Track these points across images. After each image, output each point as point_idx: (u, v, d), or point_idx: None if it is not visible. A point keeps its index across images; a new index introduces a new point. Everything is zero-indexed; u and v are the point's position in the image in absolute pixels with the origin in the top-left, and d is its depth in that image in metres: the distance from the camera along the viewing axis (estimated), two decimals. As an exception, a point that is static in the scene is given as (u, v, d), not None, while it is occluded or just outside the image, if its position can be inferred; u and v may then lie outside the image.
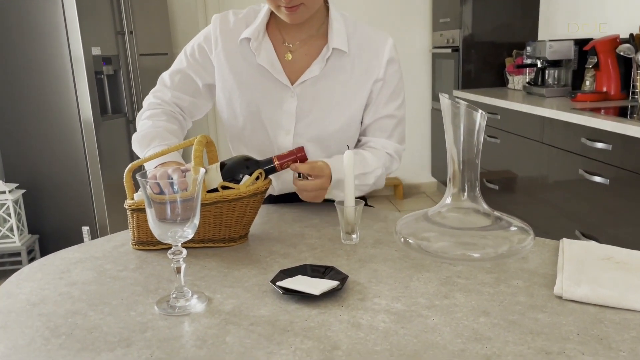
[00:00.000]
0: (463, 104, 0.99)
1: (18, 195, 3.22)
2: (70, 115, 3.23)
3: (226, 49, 1.33)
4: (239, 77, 1.33)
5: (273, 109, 1.33)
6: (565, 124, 2.64)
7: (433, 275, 0.95)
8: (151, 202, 0.85)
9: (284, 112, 1.32)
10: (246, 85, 1.33)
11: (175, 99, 1.38)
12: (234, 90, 1.34)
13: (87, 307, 0.89)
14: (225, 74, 1.34)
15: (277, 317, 0.83)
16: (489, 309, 0.83)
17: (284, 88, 1.32)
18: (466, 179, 1.01)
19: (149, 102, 1.39)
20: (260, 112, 1.33)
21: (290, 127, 1.34)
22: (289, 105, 1.32)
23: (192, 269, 1.03)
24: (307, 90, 1.32)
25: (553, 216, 2.80)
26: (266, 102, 1.33)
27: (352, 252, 1.07)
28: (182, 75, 1.37)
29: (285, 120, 1.33)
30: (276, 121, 1.34)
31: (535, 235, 1.02)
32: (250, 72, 1.32)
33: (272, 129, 1.34)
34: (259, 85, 1.32)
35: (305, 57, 1.33)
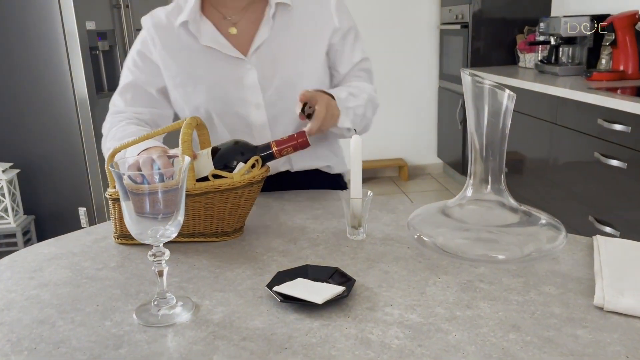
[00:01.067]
0: (487, 83, 0.86)
1: (12, 175, 3.13)
2: (65, 93, 3.12)
3: (166, 44, 1.25)
4: (189, 68, 1.24)
5: (235, 88, 1.23)
6: (580, 104, 2.51)
7: (452, 279, 0.83)
8: (127, 193, 0.73)
9: (247, 87, 1.23)
10: (198, 73, 1.23)
11: (135, 114, 1.28)
12: (187, 84, 1.24)
13: (56, 314, 0.78)
14: (173, 70, 1.25)
15: (273, 330, 0.72)
16: (519, 322, 0.71)
17: (238, 63, 1.22)
18: (490, 168, 0.89)
19: (110, 123, 1.26)
20: (222, 95, 1.24)
21: (258, 101, 1.24)
22: (249, 78, 1.23)
23: (179, 268, 0.91)
24: (264, 57, 1.23)
25: (565, 201, 2.69)
26: (225, 83, 1.23)
27: (359, 249, 0.96)
28: (132, 89, 1.28)
29: (251, 95, 1.23)
30: (242, 99, 1.24)
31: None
32: (198, 58, 1.23)
33: (240, 109, 1.24)
34: (212, 69, 1.23)
35: (251, 24, 1.25)
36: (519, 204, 0.90)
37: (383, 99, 4.36)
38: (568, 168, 2.67)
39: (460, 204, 0.93)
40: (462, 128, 3.91)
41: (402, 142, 4.55)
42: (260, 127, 1.26)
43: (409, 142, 4.56)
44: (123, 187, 0.73)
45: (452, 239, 0.91)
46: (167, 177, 0.77)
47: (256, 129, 1.26)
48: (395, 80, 4.42)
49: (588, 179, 2.52)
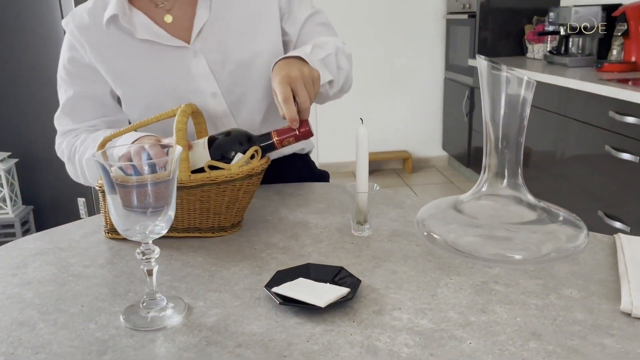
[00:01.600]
0: (505, 69, 0.80)
1: (10, 165, 3.09)
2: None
3: (96, 46, 1.11)
4: (128, 67, 1.12)
5: (184, 80, 1.12)
6: (591, 96, 2.44)
7: (465, 280, 0.77)
8: (114, 185, 0.67)
9: (197, 76, 1.12)
10: (140, 71, 1.12)
11: (88, 128, 1.17)
12: (131, 85, 1.13)
13: (38, 315, 0.72)
14: (112, 73, 1.13)
15: (271, 335, 0.66)
16: (539, 329, 0.65)
17: (182, 52, 1.11)
18: (506, 161, 0.83)
19: (65, 143, 1.16)
20: (171, 90, 1.12)
21: (214, 89, 1.14)
22: (197, 66, 1.12)
23: (172, 265, 0.86)
24: (209, 41, 1.12)
25: (573, 195, 2.62)
26: (172, 76, 1.12)
27: (365, 246, 0.90)
28: (77, 103, 1.15)
29: (203, 84, 1.13)
30: (195, 90, 1.13)
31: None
32: (136, 54, 1.11)
33: (196, 99, 1.12)
34: (155, 63, 1.11)
35: (187, 8, 1.13)
36: (537, 200, 0.84)
37: (387, 89, 4.32)
38: (577, 161, 2.61)
39: (474, 199, 0.87)
40: (468, 120, 3.84)
41: (406, 134, 4.48)
42: (223, 116, 1.16)
43: (413, 134, 4.49)
44: (109, 179, 0.67)
45: (465, 236, 0.85)
46: (160, 168, 0.71)
47: (219, 120, 1.16)
48: (399, 71, 4.34)
49: (598, 173, 2.45)
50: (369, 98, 4.34)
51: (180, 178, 0.89)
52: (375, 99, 4.36)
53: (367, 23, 4.21)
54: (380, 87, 4.36)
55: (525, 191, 0.83)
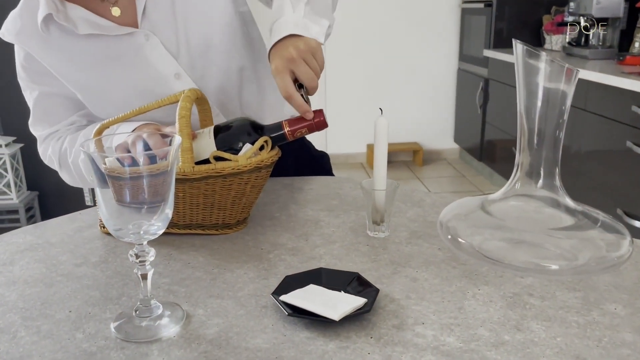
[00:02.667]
0: (544, 56, 0.72)
1: (15, 150, 3.04)
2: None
3: (40, 52, 1.00)
4: (80, 69, 1.01)
5: (142, 67, 1.01)
6: (612, 90, 2.35)
7: (494, 291, 0.69)
8: (106, 178, 0.60)
9: (155, 59, 1.01)
10: (94, 71, 1.01)
11: (69, 127, 1.07)
12: (87, 88, 1.03)
13: (20, 321, 0.65)
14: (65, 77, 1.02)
15: (278, 352, 0.58)
16: (583, 352, 0.57)
17: (132, 38, 0.99)
18: (542, 159, 0.75)
19: (51, 148, 1.06)
20: (132, 81, 1.02)
21: (176, 69, 1.02)
22: (153, 49, 1.00)
23: (171, 266, 0.78)
24: (156, 19, 1.00)
25: (591, 192, 2.54)
26: (128, 67, 1.01)
27: (382, 249, 0.82)
28: (46, 103, 1.05)
29: (164, 66, 1.02)
30: (157, 75, 1.02)
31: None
32: (84, 52, 0.99)
33: (160, 87, 1.02)
34: (107, 57, 1.00)
35: None
36: (577, 204, 0.76)
37: (399, 79, 4.23)
38: (596, 157, 2.52)
39: (504, 199, 0.79)
40: (481, 112, 3.74)
41: (417, 126, 4.38)
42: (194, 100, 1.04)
43: (424, 126, 4.39)
44: (99, 171, 0.60)
45: (493, 241, 0.77)
46: (160, 159, 0.63)
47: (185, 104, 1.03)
48: (412, 61, 4.24)
49: (618, 170, 2.37)
50: (380, 88, 4.25)
51: (183, 169, 0.82)
52: (386, 89, 4.27)
53: (380, 11, 4.11)
54: (392, 77, 4.26)
55: (563, 193, 0.75)
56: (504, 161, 3.52)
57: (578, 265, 0.71)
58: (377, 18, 4.12)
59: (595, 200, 2.49)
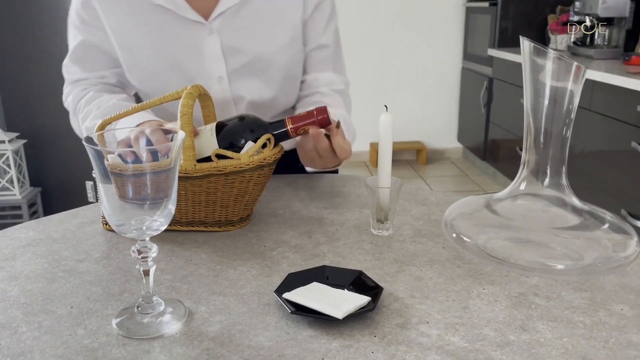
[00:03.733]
0: (552, 53, 0.71)
1: (19, 146, 3.04)
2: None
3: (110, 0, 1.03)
4: (135, 28, 1.03)
5: (192, 57, 1.04)
6: (618, 90, 2.34)
7: (500, 291, 0.69)
8: (109, 174, 0.59)
9: (207, 56, 1.04)
10: (146, 35, 1.03)
11: (98, 79, 1.10)
12: (136, 47, 1.05)
13: (22, 316, 0.65)
14: (117, 29, 1.04)
15: (281, 350, 0.58)
16: (590, 353, 0.57)
17: (196, 27, 1.03)
18: (549, 158, 0.74)
19: (72, 95, 1.08)
20: (175, 64, 1.04)
21: (221, 73, 1.06)
22: (210, 45, 1.04)
23: (173, 262, 0.78)
24: (229, 23, 1.04)
25: (595, 192, 2.53)
26: (180, 50, 1.04)
27: (386, 247, 0.81)
28: (87, 51, 1.07)
29: (211, 66, 1.05)
30: (201, 70, 1.05)
31: (639, 239, 0.74)
32: (147, 17, 1.03)
33: (200, 81, 1.04)
34: (164, 32, 1.03)
35: None
36: (583, 203, 0.75)
37: (402, 78, 4.21)
38: (601, 157, 2.50)
39: (510, 198, 0.78)
40: (485, 112, 3.73)
41: (421, 125, 4.37)
42: (224, 104, 1.08)
43: (428, 125, 4.38)
44: (102, 167, 0.59)
45: (498, 240, 0.77)
46: (162, 156, 0.63)
47: (218, 107, 1.07)
48: (415, 60, 4.22)
49: (623, 170, 2.36)
50: (384, 87, 4.24)
51: (185, 167, 0.81)
52: (390, 88, 4.26)
53: (384, 10, 4.09)
54: (396, 76, 4.25)
55: (569, 193, 0.74)
56: (507, 161, 3.51)
57: (584, 266, 0.71)
58: (381, 17, 4.10)
59: (600, 200, 2.47)
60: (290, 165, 1.16)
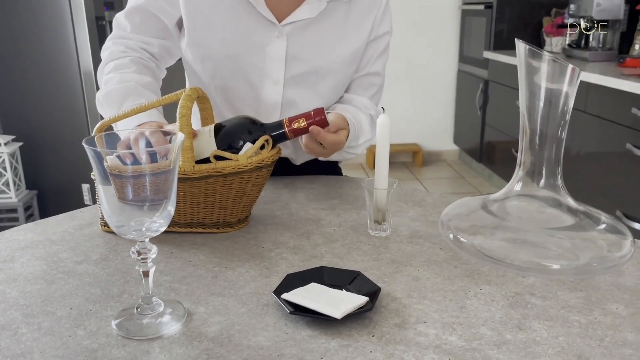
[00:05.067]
0: (547, 56, 0.72)
1: (15, 149, 3.04)
2: (70, 65, 3.00)
3: None
4: (209, 9, 1.05)
5: (255, 53, 1.06)
6: (613, 92, 2.35)
7: (496, 291, 0.69)
8: (108, 175, 0.60)
9: (270, 56, 1.07)
10: (218, 20, 1.06)
11: (141, 44, 1.11)
12: (203, 26, 1.06)
13: (21, 318, 0.65)
14: (190, 7, 1.06)
15: (280, 350, 0.58)
16: (585, 351, 0.57)
17: (269, 26, 1.05)
18: (544, 160, 0.75)
19: (110, 50, 1.10)
20: (237, 55, 1.06)
21: (278, 76, 1.08)
22: (276, 48, 1.06)
23: (172, 264, 0.78)
24: (298, 32, 1.07)
25: (590, 193, 2.54)
26: (246, 43, 1.06)
27: (383, 248, 0.82)
28: (143, 14, 1.09)
29: (272, 67, 1.07)
30: (260, 68, 1.07)
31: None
32: (224, 3, 1.05)
33: (255, 78, 1.08)
34: (236, 21, 1.05)
35: None
36: (578, 204, 0.76)
37: (398, 80, 4.22)
38: (596, 159, 2.52)
39: (506, 199, 0.79)
40: (481, 114, 3.74)
41: (417, 127, 4.38)
42: (272, 106, 1.10)
43: (424, 127, 4.39)
44: (102, 168, 0.60)
45: (495, 240, 0.77)
46: (161, 157, 0.63)
47: (265, 108, 1.10)
48: (411, 62, 4.24)
49: (618, 172, 2.37)
50: (380, 89, 4.24)
51: (184, 169, 0.82)
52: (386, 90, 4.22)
53: (380, 12, 4.10)
54: (392, 78, 4.25)
55: (564, 193, 0.75)
56: (503, 163, 3.52)
57: (580, 265, 0.71)
58: (377, 19, 4.11)
59: (595, 202, 2.49)
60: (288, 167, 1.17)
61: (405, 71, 4.25)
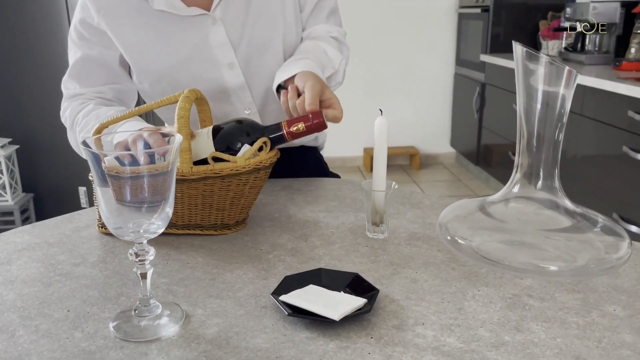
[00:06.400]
0: (544, 58, 0.72)
1: (11, 151, 3.03)
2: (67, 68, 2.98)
3: (110, 9, 1.05)
4: (142, 34, 1.06)
5: (200, 49, 1.06)
6: (609, 95, 2.36)
7: (494, 292, 0.69)
8: (106, 177, 0.60)
9: (215, 45, 1.07)
10: (153, 38, 1.06)
11: (96, 94, 1.10)
12: (142, 51, 1.07)
13: (19, 320, 0.65)
14: (124, 38, 1.06)
15: (278, 351, 0.58)
16: (583, 353, 0.58)
17: (200, 20, 1.05)
18: (542, 162, 0.75)
19: (70, 108, 1.08)
20: (186, 59, 1.07)
21: (231, 59, 1.08)
22: (216, 35, 1.06)
23: (170, 266, 0.78)
24: (230, 10, 1.06)
25: (587, 196, 2.54)
26: (188, 45, 1.06)
27: (381, 250, 0.82)
28: (85, 65, 1.09)
29: (220, 54, 1.07)
30: (211, 60, 1.07)
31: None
32: (151, 22, 1.05)
33: (211, 71, 1.08)
34: (170, 31, 1.06)
35: None
36: (576, 206, 0.76)
37: (395, 83, 4.23)
38: (592, 162, 2.52)
39: (503, 201, 0.79)
40: (478, 117, 3.75)
41: (414, 130, 4.38)
42: (238, 89, 1.10)
43: (421, 130, 4.39)
44: (100, 170, 0.59)
45: (492, 242, 0.77)
46: (159, 157, 0.63)
47: (234, 93, 1.10)
48: (408, 65, 4.24)
49: (614, 174, 2.37)
50: (377, 92, 4.25)
51: (182, 170, 0.82)
52: (383, 93, 4.27)
53: (377, 15, 4.12)
54: (389, 81, 4.27)
55: (562, 195, 0.75)
56: (500, 165, 3.53)
57: (577, 267, 0.72)
58: (374, 22, 4.12)
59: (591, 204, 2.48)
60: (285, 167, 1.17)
61: (402, 74, 4.25)
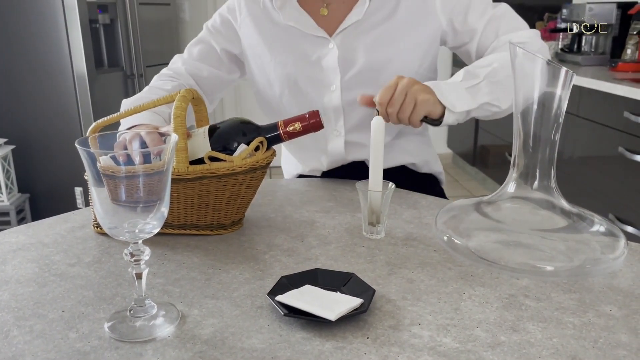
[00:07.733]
0: (540, 58, 0.72)
1: (7, 152, 3.02)
2: (63, 68, 2.99)
3: (252, 12, 1.18)
4: (270, 40, 1.16)
5: (312, 68, 1.13)
6: (605, 96, 2.37)
7: (490, 292, 0.69)
8: (101, 176, 0.60)
9: (325, 67, 1.12)
10: (278, 48, 1.15)
11: (192, 69, 1.21)
12: (264, 55, 1.16)
13: (13, 320, 0.64)
14: (254, 40, 1.17)
15: (274, 351, 0.58)
16: (580, 353, 0.57)
17: (320, 42, 1.12)
18: (538, 162, 0.75)
19: (160, 73, 1.21)
20: (297, 73, 1.14)
21: (335, 83, 1.12)
22: (329, 59, 1.12)
23: (165, 266, 0.78)
24: (349, 38, 1.12)
25: (583, 197, 2.55)
26: (303, 62, 1.13)
27: (377, 250, 0.82)
28: (202, 45, 1.22)
29: (327, 77, 1.12)
30: (318, 80, 1.13)
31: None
32: (280, 33, 1.15)
33: (313, 90, 1.13)
34: (292, 46, 1.14)
35: (343, 5, 1.13)
36: (572, 206, 0.76)
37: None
38: (589, 162, 2.53)
39: (499, 201, 0.79)
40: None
41: (411, 131, 4.38)
42: (334, 111, 1.14)
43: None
44: (95, 170, 0.59)
45: (489, 242, 0.77)
46: (155, 157, 0.63)
47: (328, 113, 1.14)
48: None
49: (610, 175, 2.38)
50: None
51: (178, 169, 0.81)
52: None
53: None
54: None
55: (558, 195, 0.75)
56: (497, 166, 3.53)
57: (573, 267, 0.72)
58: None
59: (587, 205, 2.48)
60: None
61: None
